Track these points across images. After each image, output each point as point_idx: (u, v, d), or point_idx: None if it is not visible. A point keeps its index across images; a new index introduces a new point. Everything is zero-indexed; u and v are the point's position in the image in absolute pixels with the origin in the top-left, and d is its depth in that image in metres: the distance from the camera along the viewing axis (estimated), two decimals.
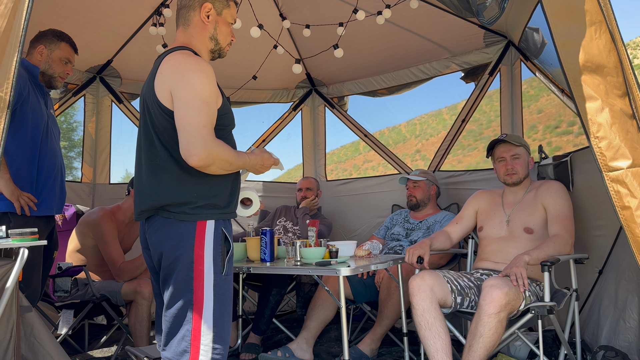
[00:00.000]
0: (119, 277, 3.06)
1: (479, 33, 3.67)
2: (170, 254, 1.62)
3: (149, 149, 1.68)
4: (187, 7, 1.74)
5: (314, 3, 3.68)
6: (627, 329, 2.33)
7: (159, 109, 1.61)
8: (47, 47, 2.50)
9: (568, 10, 1.75)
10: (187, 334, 1.56)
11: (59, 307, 3.04)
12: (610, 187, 1.73)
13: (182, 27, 1.76)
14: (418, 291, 2.29)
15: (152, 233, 1.69)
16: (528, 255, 2.24)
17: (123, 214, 3.24)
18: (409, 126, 27.85)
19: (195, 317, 1.56)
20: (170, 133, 1.62)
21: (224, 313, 1.61)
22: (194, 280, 1.58)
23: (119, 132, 4.40)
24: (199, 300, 1.57)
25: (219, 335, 1.58)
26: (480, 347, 2.10)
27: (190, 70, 1.58)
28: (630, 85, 1.73)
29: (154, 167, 1.66)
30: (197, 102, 1.55)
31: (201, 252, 1.60)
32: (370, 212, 4.33)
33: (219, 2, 1.74)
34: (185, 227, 1.61)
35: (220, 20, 1.75)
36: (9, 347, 1.80)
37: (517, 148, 2.67)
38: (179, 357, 1.57)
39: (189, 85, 1.56)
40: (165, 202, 1.63)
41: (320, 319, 2.95)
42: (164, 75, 1.61)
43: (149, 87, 1.65)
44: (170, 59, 1.63)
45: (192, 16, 1.73)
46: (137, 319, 2.99)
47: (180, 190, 1.63)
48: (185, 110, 1.54)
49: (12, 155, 2.28)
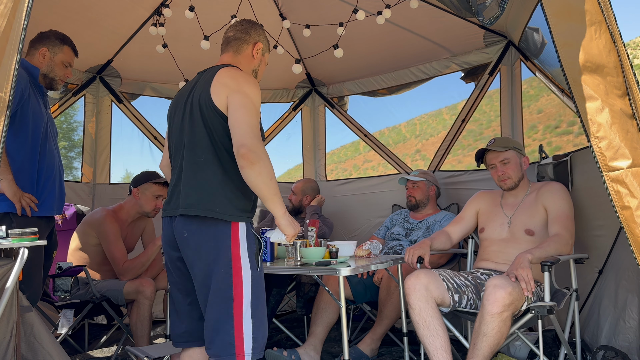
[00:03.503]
0: (122, 276, 3.07)
1: (479, 33, 3.67)
2: (208, 254, 1.72)
3: (195, 148, 1.80)
4: (242, 40, 2.00)
5: (314, 3, 3.68)
6: (627, 329, 2.33)
7: (214, 111, 1.77)
8: (50, 50, 2.50)
9: (568, 10, 1.75)
10: (230, 329, 1.68)
11: (59, 307, 3.04)
12: (610, 187, 1.73)
13: (232, 54, 2.01)
14: (413, 290, 2.29)
15: (186, 231, 1.76)
16: (530, 254, 2.23)
17: (126, 214, 3.25)
18: (409, 126, 27.84)
19: (237, 312, 1.69)
20: (220, 134, 1.77)
21: (259, 305, 1.75)
22: (233, 278, 1.71)
23: (119, 132, 4.40)
24: (239, 296, 1.70)
25: (256, 326, 1.71)
26: (485, 346, 2.10)
27: (246, 82, 1.80)
28: (630, 85, 1.73)
29: (197, 166, 1.78)
30: (252, 107, 1.75)
31: (237, 251, 1.72)
32: (370, 212, 4.33)
33: (265, 45, 2.06)
34: (222, 227, 1.73)
35: (263, 59, 2.07)
36: (9, 347, 1.80)
37: (504, 153, 2.64)
38: (227, 350, 1.68)
39: (245, 93, 1.76)
40: (204, 201, 1.74)
41: (325, 323, 2.95)
42: (222, 85, 1.79)
43: (204, 94, 1.81)
44: (228, 71, 1.84)
45: (244, 48, 2.00)
46: (139, 318, 3.00)
47: (220, 190, 1.75)
48: (242, 112, 1.73)
49: (13, 157, 2.28)
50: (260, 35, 2.04)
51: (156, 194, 3.22)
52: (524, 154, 2.73)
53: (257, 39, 2.02)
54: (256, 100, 1.79)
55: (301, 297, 3.41)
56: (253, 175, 1.67)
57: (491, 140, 2.72)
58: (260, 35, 2.04)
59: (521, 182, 2.67)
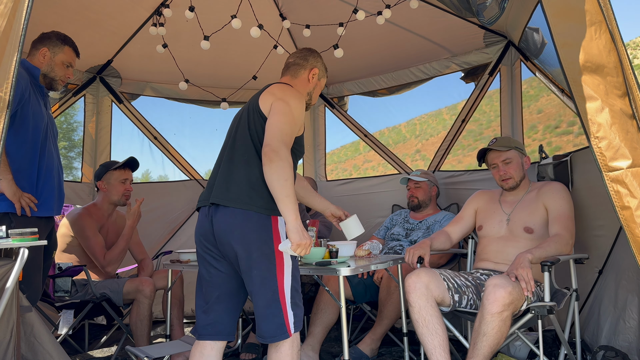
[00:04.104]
0: (106, 268, 3.08)
1: (479, 33, 3.67)
2: (252, 244, 1.85)
3: (242, 145, 1.97)
4: (300, 65, 2.20)
5: (314, 3, 3.68)
6: (627, 329, 2.33)
7: (258, 115, 1.96)
8: (51, 50, 2.50)
9: (568, 10, 1.75)
10: (280, 312, 1.85)
11: (59, 307, 3.04)
12: (610, 187, 1.72)
13: (290, 77, 2.20)
14: (414, 289, 2.29)
15: (229, 222, 1.87)
16: (531, 254, 2.23)
17: (99, 210, 3.26)
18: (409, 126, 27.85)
19: (282, 297, 1.86)
20: (260, 135, 1.94)
21: (297, 287, 1.93)
22: (277, 267, 1.86)
23: (119, 132, 4.41)
24: (282, 283, 1.86)
25: (295, 304, 1.90)
26: (485, 346, 2.10)
27: (293, 96, 1.99)
28: (630, 85, 1.73)
29: (240, 163, 1.94)
30: (289, 116, 1.91)
31: (279, 242, 1.87)
32: (370, 212, 4.33)
33: (321, 71, 2.24)
34: (264, 220, 1.87)
35: (318, 84, 2.24)
36: (9, 347, 1.80)
37: (506, 153, 2.64)
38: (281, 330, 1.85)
39: (288, 104, 1.94)
40: (245, 195, 1.88)
41: (324, 324, 2.95)
42: (270, 94, 1.99)
43: (254, 100, 2.03)
44: (280, 86, 2.05)
45: (301, 73, 2.19)
46: (139, 318, 3.00)
47: (259, 186, 1.89)
48: (278, 117, 1.89)
49: (12, 156, 2.28)
50: (318, 62, 2.22)
51: (121, 179, 3.25)
52: (525, 153, 2.73)
53: (314, 64, 2.20)
54: (297, 112, 1.94)
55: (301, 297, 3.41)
56: (269, 172, 1.79)
57: (493, 140, 2.72)
58: (318, 62, 2.22)
59: (522, 182, 2.67)
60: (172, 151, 4.54)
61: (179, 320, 3.25)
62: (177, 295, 3.28)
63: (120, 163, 3.26)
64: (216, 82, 4.47)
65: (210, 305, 1.98)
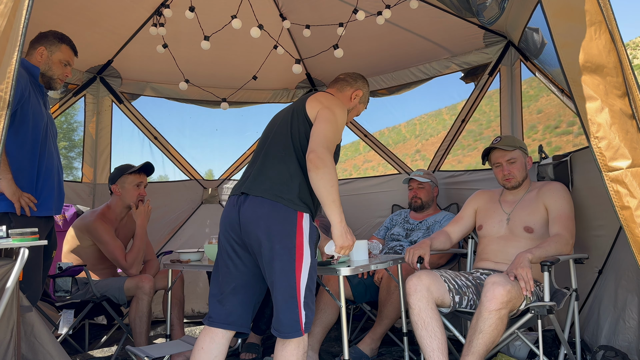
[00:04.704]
0: (130, 270, 3.09)
1: (478, 33, 3.67)
2: (276, 236, 1.89)
3: (280, 143, 2.05)
4: (348, 83, 2.32)
5: (314, 3, 3.68)
6: (627, 328, 2.33)
7: (304, 117, 2.06)
8: (48, 48, 2.50)
9: (568, 10, 1.76)
10: (296, 309, 1.89)
11: (59, 307, 3.04)
12: (610, 187, 1.73)
13: (336, 89, 2.33)
14: (415, 291, 2.29)
15: (257, 211, 1.93)
16: (530, 254, 2.23)
17: (113, 213, 3.26)
18: (409, 126, 27.86)
19: (299, 294, 1.90)
20: (302, 136, 2.04)
21: (312, 287, 1.95)
22: (296, 262, 1.90)
23: (119, 132, 4.41)
24: (299, 279, 1.90)
25: (308, 305, 1.92)
26: (480, 343, 2.10)
27: (338, 105, 2.10)
28: (630, 85, 1.73)
29: (281, 157, 2.02)
30: (334, 125, 2.02)
31: (302, 238, 1.91)
32: (370, 212, 4.33)
33: (364, 97, 2.36)
34: (291, 214, 1.92)
35: (357, 106, 2.36)
36: (9, 347, 1.80)
37: (511, 152, 2.64)
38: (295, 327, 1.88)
39: (334, 113, 2.04)
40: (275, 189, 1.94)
41: (323, 324, 2.96)
42: (318, 101, 2.09)
43: (300, 103, 2.13)
44: (327, 95, 2.17)
45: (347, 89, 2.32)
46: (138, 314, 3.00)
47: (292, 181, 1.96)
48: (324, 125, 1.99)
49: (12, 156, 2.28)
50: (364, 87, 2.35)
51: (135, 183, 3.24)
52: (528, 154, 2.73)
53: (360, 87, 2.33)
54: (341, 121, 2.06)
55: None
56: (316, 178, 1.88)
57: (497, 139, 2.72)
58: (364, 87, 2.35)
59: (524, 182, 2.67)
60: (172, 151, 4.54)
61: (179, 320, 3.25)
62: (178, 295, 3.28)
63: (136, 168, 3.25)
64: (216, 82, 4.47)
65: (225, 296, 2.02)
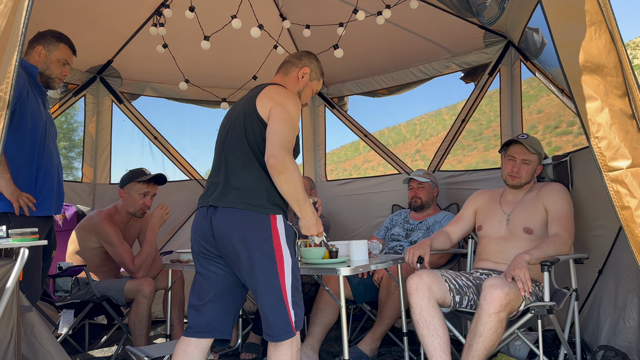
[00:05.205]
0: (137, 273, 3.07)
1: (478, 33, 3.67)
2: (253, 244, 1.87)
3: (238, 149, 1.99)
4: (292, 63, 2.22)
5: (314, 3, 3.68)
6: (627, 328, 2.33)
7: (257, 118, 1.98)
8: (46, 47, 2.51)
9: (568, 10, 1.75)
10: (284, 310, 1.88)
11: (59, 307, 3.04)
12: (610, 187, 1.73)
13: (282, 74, 2.23)
14: (416, 290, 2.29)
15: (229, 222, 1.90)
16: (529, 255, 2.23)
17: (119, 216, 3.25)
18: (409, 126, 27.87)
19: (285, 295, 1.89)
20: (258, 139, 1.97)
21: (298, 285, 1.95)
22: (277, 265, 1.88)
23: (119, 132, 4.41)
24: (283, 281, 1.89)
25: (296, 303, 1.91)
26: (480, 347, 2.10)
27: (289, 99, 2.01)
28: (630, 85, 1.73)
29: (241, 165, 1.97)
30: (289, 122, 1.94)
31: (279, 241, 1.90)
32: (370, 212, 4.33)
33: (314, 73, 2.24)
34: (263, 220, 1.90)
35: (309, 85, 2.24)
36: (9, 347, 1.80)
37: (530, 154, 2.65)
38: (286, 329, 1.87)
39: (287, 109, 1.96)
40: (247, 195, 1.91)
41: (323, 324, 2.96)
42: (268, 97, 2.00)
43: (249, 102, 2.03)
44: (275, 88, 2.06)
45: (292, 71, 2.21)
46: (137, 317, 2.99)
47: (259, 186, 1.93)
48: (278, 125, 1.92)
49: (11, 156, 2.27)
50: (312, 64, 2.24)
51: (142, 192, 3.20)
52: (541, 162, 2.73)
53: (305, 64, 2.22)
54: (295, 117, 1.98)
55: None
56: (280, 183, 1.87)
57: (524, 135, 2.72)
58: (312, 64, 2.24)
59: (525, 185, 2.67)
60: (172, 151, 4.54)
61: (180, 320, 3.25)
62: (178, 295, 3.28)
63: (147, 177, 3.19)
64: (216, 82, 4.47)
65: (205, 303, 1.99)
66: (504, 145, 2.77)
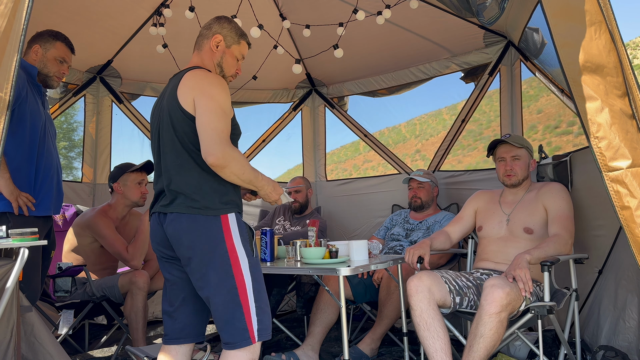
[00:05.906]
0: (132, 262, 3.07)
1: (478, 33, 3.67)
2: (203, 249, 1.77)
3: (171, 151, 1.84)
4: (203, 35, 2.00)
5: (314, 3, 3.68)
6: (627, 328, 2.33)
7: (183, 114, 1.80)
8: (42, 46, 2.51)
9: (568, 10, 1.76)
10: (241, 315, 1.74)
11: (59, 307, 3.04)
12: (610, 187, 1.73)
13: (197, 52, 2.01)
14: (416, 292, 2.28)
15: (177, 228, 1.80)
16: (529, 255, 2.23)
17: (114, 212, 3.25)
18: (408, 126, 27.88)
19: (243, 298, 1.76)
20: (190, 137, 1.80)
21: (261, 289, 1.82)
22: (232, 267, 1.76)
23: (119, 132, 4.41)
24: (242, 283, 1.76)
25: (261, 308, 1.78)
26: (481, 347, 2.10)
27: (211, 83, 1.81)
28: (630, 85, 1.73)
29: (178, 167, 1.83)
30: (218, 110, 1.76)
31: (232, 242, 1.78)
32: (370, 212, 4.33)
33: (230, 37, 2.00)
34: (212, 221, 1.78)
35: (227, 52, 2.00)
36: (9, 347, 1.80)
37: (518, 149, 2.66)
38: (242, 336, 1.74)
39: (211, 96, 1.77)
40: (191, 198, 1.79)
41: (324, 324, 2.95)
42: (188, 87, 1.81)
43: (171, 98, 1.84)
44: (192, 74, 1.85)
45: (204, 44, 1.99)
46: (133, 310, 2.99)
47: (202, 187, 1.80)
48: (207, 117, 1.74)
49: (10, 156, 2.27)
50: (224, 28, 1.98)
51: (137, 181, 3.24)
52: (532, 156, 2.74)
53: (216, 31, 1.97)
54: (223, 101, 1.78)
55: (301, 297, 3.42)
56: (226, 176, 1.76)
57: (507, 135, 2.74)
58: (224, 28, 1.98)
59: (524, 182, 2.67)
60: None
61: None
62: None
63: (137, 166, 3.23)
64: None
65: (176, 309, 1.92)
66: (489, 148, 2.77)
